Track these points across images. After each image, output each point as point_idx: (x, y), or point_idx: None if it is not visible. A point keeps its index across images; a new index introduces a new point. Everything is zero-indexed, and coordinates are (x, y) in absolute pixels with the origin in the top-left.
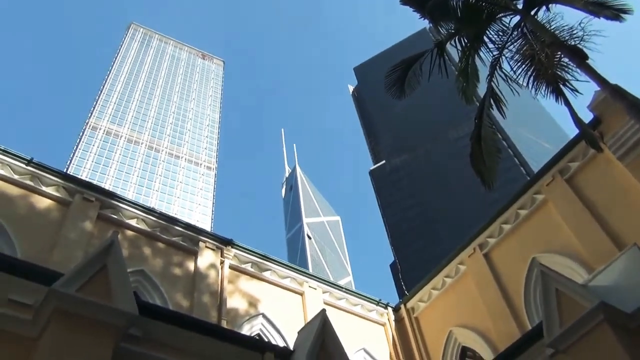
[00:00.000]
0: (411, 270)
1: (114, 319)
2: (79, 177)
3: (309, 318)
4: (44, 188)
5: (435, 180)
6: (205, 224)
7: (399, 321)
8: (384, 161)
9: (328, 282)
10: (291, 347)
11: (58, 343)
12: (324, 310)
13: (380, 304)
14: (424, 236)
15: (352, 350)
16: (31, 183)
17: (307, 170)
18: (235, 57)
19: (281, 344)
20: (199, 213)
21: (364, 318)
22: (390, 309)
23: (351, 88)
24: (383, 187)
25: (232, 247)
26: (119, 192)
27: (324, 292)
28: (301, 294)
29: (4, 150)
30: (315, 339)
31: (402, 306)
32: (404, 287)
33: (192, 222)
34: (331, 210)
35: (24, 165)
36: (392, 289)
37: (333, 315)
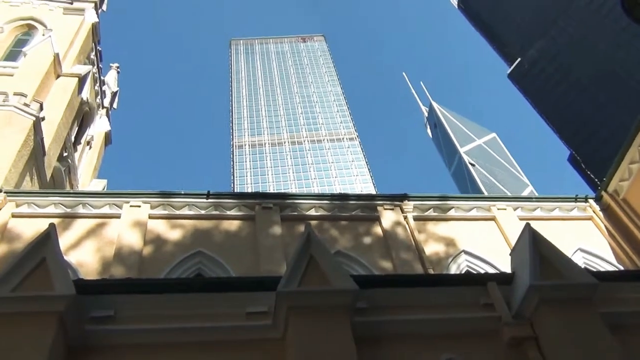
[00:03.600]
0: (593, 155)
1: (342, 300)
2: (248, 192)
3: (510, 239)
4: (228, 212)
5: (580, 52)
6: (371, 191)
7: (605, 209)
8: (518, 59)
9: (515, 197)
10: (507, 271)
11: (300, 337)
12: (527, 224)
13: (578, 199)
14: (591, 115)
15: (568, 254)
16: (217, 212)
17: (443, 102)
18: (332, 27)
19: (493, 271)
20: (360, 183)
21: (566, 219)
22: (591, 201)
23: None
24: (529, 84)
25: (408, 200)
26: (283, 192)
27: (514, 209)
28: (492, 219)
29: (185, 194)
30: (531, 253)
31: (603, 193)
32: (592, 176)
33: (359, 192)
34: (483, 130)
35: (205, 200)
36: (580, 182)
37: (534, 227)
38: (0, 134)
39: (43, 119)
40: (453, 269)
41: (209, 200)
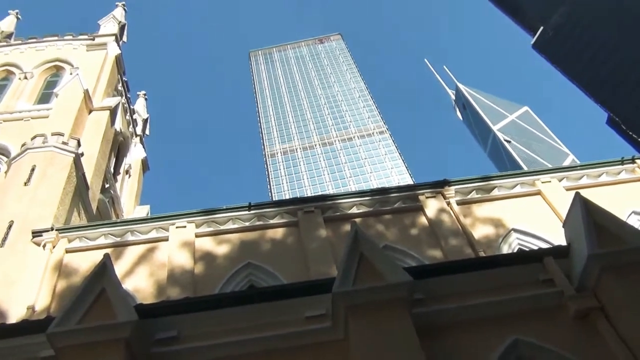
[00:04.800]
0: (633, 114)
1: (398, 294)
2: (288, 198)
3: (560, 211)
4: (271, 221)
5: (605, 11)
6: (408, 182)
7: None
8: (541, 28)
9: (558, 168)
10: (562, 244)
11: (362, 335)
12: (577, 194)
13: (625, 161)
14: (625, 74)
15: (622, 218)
16: (260, 222)
17: (469, 83)
18: (347, 24)
19: (546, 246)
20: (396, 175)
21: (615, 183)
22: (638, 161)
23: None
24: (555, 51)
25: (449, 185)
26: (322, 194)
27: (559, 180)
28: (538, 193)
29: (227, 208)
30: (585, 222)
31: None
32: (634, 136)
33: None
34: (514, 105)
35: (247, 212)
36: (622, 144)
37: (584, 195)
38: (44, 174)
39: (82, 154)
40: (505, 249)
41: (251, 211)
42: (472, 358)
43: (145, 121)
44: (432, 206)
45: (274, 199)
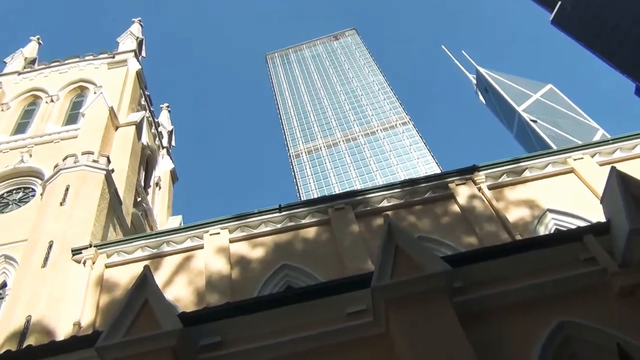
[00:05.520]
0: None
1: (438, 283)
2: (318, 197)
3: (595, 187)
4: (302, 221)
5: None
6: (435, 171)
7: None
8: (559, 3)
9: (589, 144)
10: (600, 221)
11: (404, 328)
12: (613, 168)
13: None
14: None
15: None
16: (292, 223)
17: (489, 66)
18: (360, 18)
19: (584, 225)
20: (423, 166)
21: None
22: None
23: None
24: (575, 25)
25: (478, 171)
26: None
27: (592, 156)
28: (571, 171)
29: (258, 212)
30: (623, 197)
31: None
32: None
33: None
34: (537, 83)
35: (278, 214)
36: None
37: (620, 169)
38: (78, 193)
39: (113, 170)
40: (541, 231)
41: (282, 213)
42: (518, 343)
43: (170, 133)
44: (463, 193)
45: (302, 199)
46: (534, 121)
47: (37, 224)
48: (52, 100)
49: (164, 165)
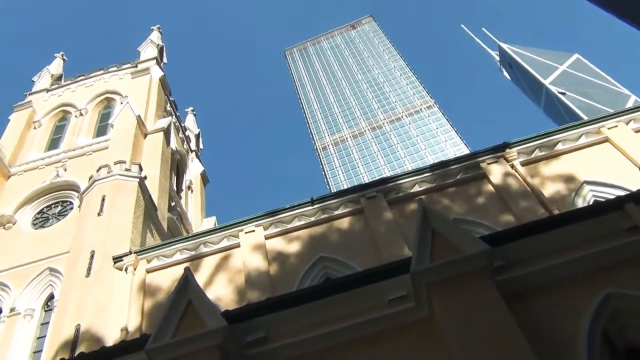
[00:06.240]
0: None
1: (478, 264)
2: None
3: (633, 155)
4: (335, 212)
5: None
6: (465, 152)
7: None
8: None
9: (622, 111)
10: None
11: (448, 311)
12: None
13: None
14: None
15: None
16: (325, 215)
17: (512, 40)
18: (376, 4)
19: (624, 194)
20: (451, 148)
21: None
22: None
23: None
24: None
25: (509, 148)
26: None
27: (626, 124)
28: (606, 140)
29: (291, 207)
30: None
31: None
32: None
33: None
34: (563, 54)
35: (310, 207)
36: None
37: None
38: (114, 202)
39: (145, 177)
40: (579, 203)
41: (315, 206)
42: (565, 318)
43: (197, 136)
44: (495, 172)
45: (332, 192)
46: (563, 93)
47: (77, 235)
48: (81, 114)
49: (194, 169)
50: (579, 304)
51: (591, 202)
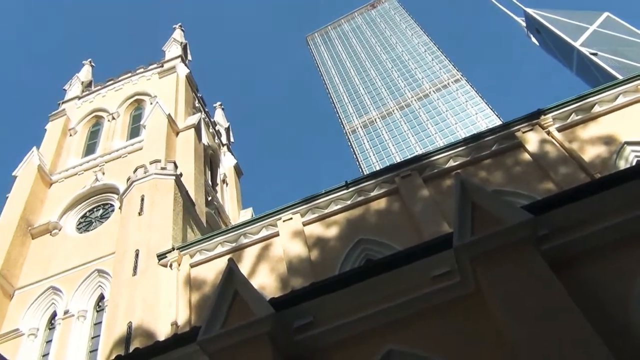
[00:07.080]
0: None
1: (522, 234)
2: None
3: None
4: (371, 194)
5: None
6: (497, 123)
7: None
8: None
9: None
10: None
11: (495, 283)
12: None
13: None
14: None
15: None
16: (361, 197)
17: (537, 4)
18: None
19: None
20: (482, 120)
21: None
22: None
23: None
24: None
25: (544, 114)
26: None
27: None
28: None
29: (326, 192)
30: None
31: None
32: None
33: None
34: (592, 14)
35: (345, 190)
36: None
37: None
38: (153, 201)
39: (181, 175)
40: (622, 165)
41: (350, 189)
42: (616, 283)
43: (227, 130)
44: (531, 140)
45: (364, 173)
46: (594, 54)
47: (121, 236)
48: (113, 118)
49: (227, 162)
50: (632, 267)
51: (634, 163)
